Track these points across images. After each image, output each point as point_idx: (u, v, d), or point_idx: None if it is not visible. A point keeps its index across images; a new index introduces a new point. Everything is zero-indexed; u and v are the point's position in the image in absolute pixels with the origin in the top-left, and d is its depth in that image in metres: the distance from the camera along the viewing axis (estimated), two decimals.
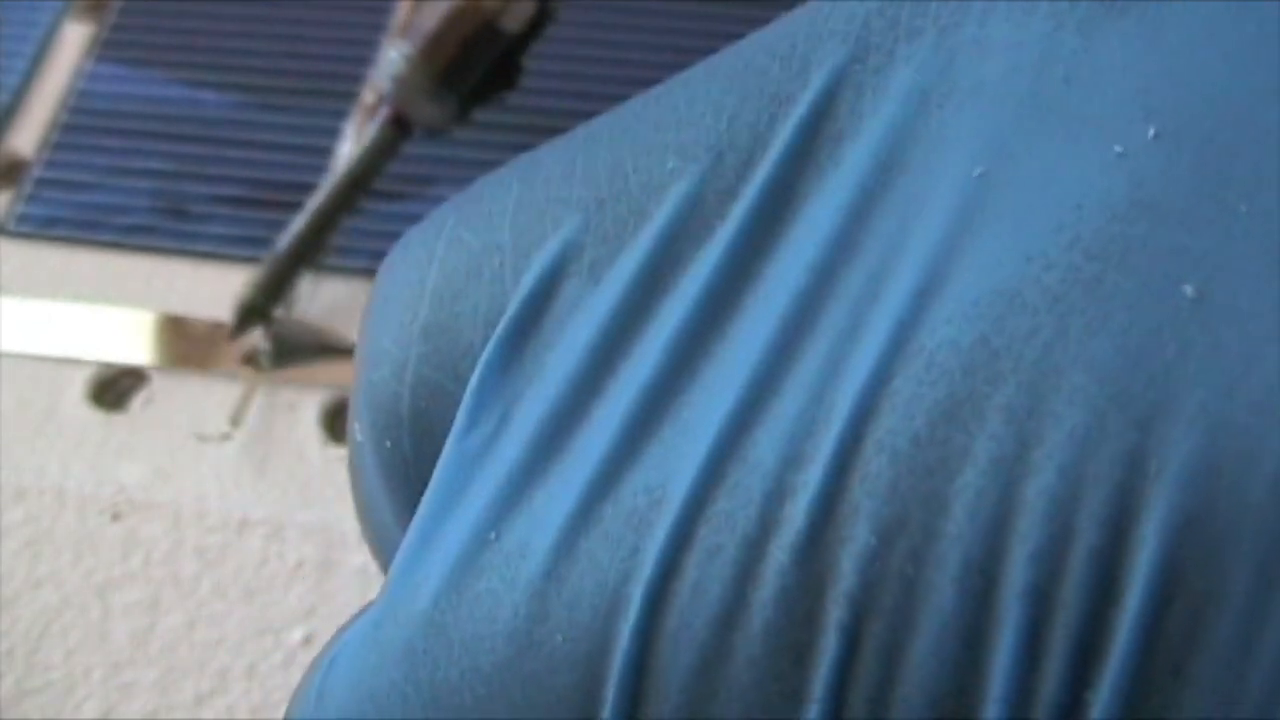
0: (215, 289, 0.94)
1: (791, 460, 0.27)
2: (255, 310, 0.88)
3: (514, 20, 0.82)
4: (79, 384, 0.90)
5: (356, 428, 0.35)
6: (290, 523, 0.84)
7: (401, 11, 1.02)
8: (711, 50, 0.34)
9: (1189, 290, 0.26)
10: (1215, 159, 0.27)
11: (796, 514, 0.26)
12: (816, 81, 0.31)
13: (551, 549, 0.28)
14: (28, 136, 1.01)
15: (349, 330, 0.90)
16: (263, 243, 0.94)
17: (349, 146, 0.96)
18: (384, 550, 0.36)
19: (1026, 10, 0.30)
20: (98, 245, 0.96)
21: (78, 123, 1.01)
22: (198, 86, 1.02)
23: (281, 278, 0.88)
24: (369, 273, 0.92)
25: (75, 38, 1.06)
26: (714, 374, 0.29)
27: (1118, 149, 0.28)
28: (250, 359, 0.89)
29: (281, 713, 0.79)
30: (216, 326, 0.92)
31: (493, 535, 0.29)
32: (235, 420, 0.87)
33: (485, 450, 0.31)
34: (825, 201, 0.30)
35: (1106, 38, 0.29)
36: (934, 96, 0.30)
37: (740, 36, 0.35)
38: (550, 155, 0.35)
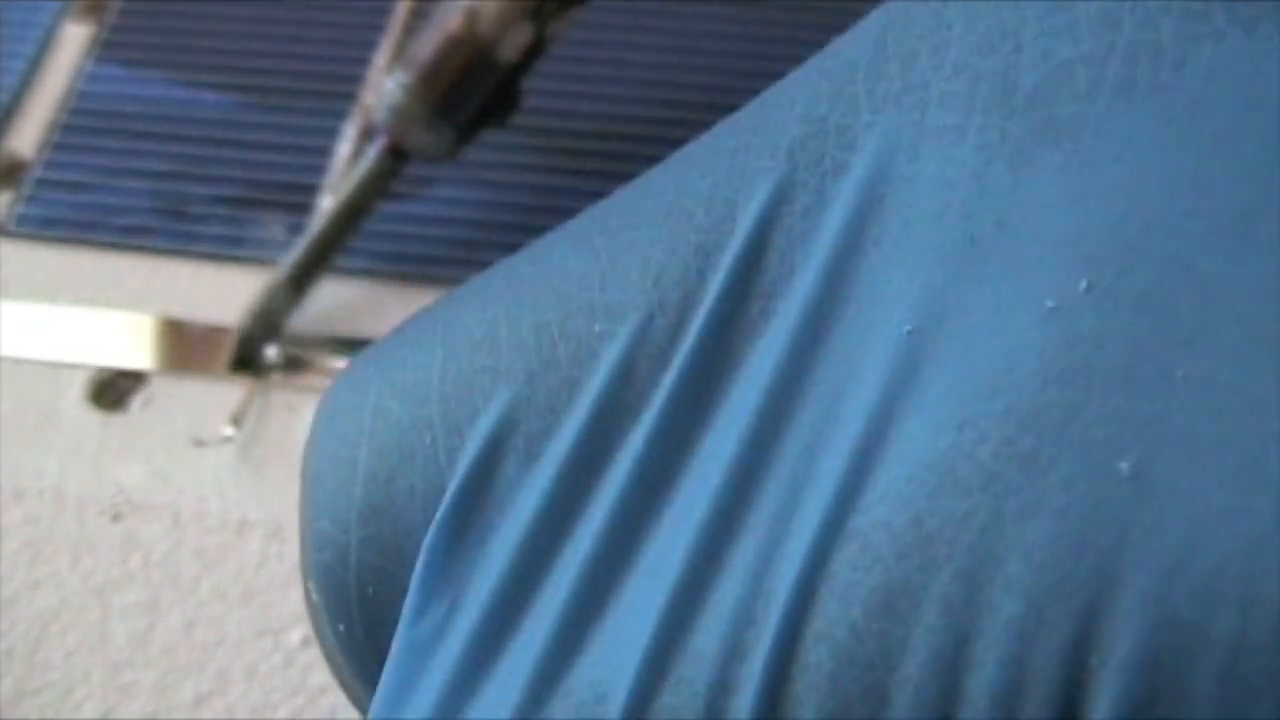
0: (214, 289, 0.94)
1: (733, 651, 0.27)
2: (255, 339, 0.89)
3: (511, 49, 0.82)
4: (78, 385, 0.90)
5: (311, 588, 0.35)
6: (289, 524, 0.84)
7: (400, 13, 1.02)
8: (712, 51, 0.34)
9: (1126, 467, 0.25)
10: (1151, 314, 0.26)
11: (742, 708, 0.26)
12: (743, 228, 0.31)
13: None
14: (28, 137, 1.01)
15: (348, 330, 0.90)
16: (262, 243, 0.94)
17: (347, 147, 0.96)
18: (351, 700, 0.36)
19: (955, 141, 0.29)
20: (97, 246, 0.96)
21: (77, 123, 1.01)
22: (197, 87, 1.02)
23: (280, 306, 0.88)
24: (369, 273, 0.92)
25: (75, 38, 1.06)
26: (651, 557, 0.29)
27: (1050, 303, 0.27)
28: (245, 364, 0.89)
29: (281, 713, 0.79)
30: (215, 330, 0.91)
31: None
32: (237, 422, 0.87)
33: (436, 638, 0.31)
34: (758, 367, 0.29)
35: (1038, 173, 0.28)
36: (865, 242, 0.29)
37: (738, 37, 0.34)
38: (471, 311, 0.34)
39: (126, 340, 0.92)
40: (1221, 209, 0.27)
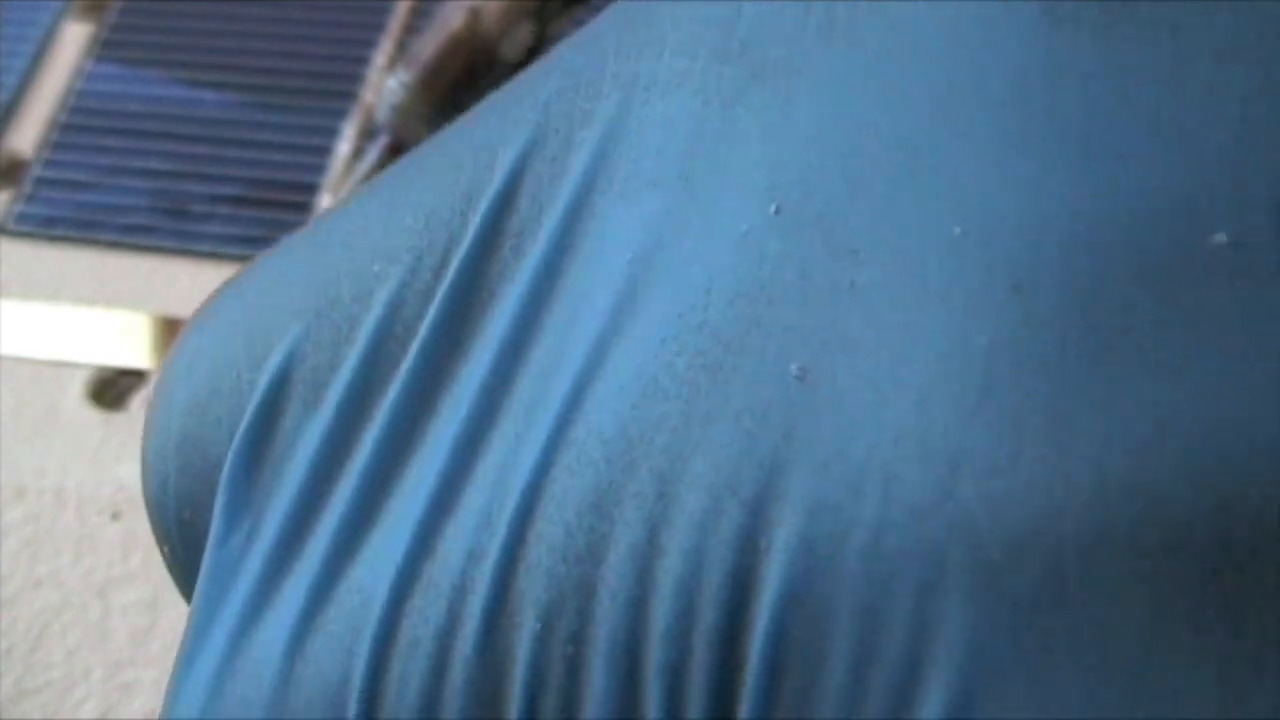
0: (215, 288, 0.94)
1: (473, 554, 0.29)
2: None
3: (513, 48, 0.82)
4: (78, 384, 0.90)
5: (147, 508, 0.38)
6: None
7: (400, 13, 1.02)
8: None
9: (795, 369, 0.28)
10: (829, 233, 0.29)
11: (475, 606, 0.29)
12: (500, 174, 0.33)
13: (285, 654, 0.31)
14: (28, 136, 1.01)
15: None
16: (263, 242, 0.94)
17: (347, 147, 0.97)
18: None
19: (679, 86, 0.32)
20: (97, 245, 0.96)
21: (77, 123, 1.01)
22: (197, 86, 1.03)
23: None
24: None
25: (75, 38, 1.06)
26: (414, 473, 0.31)
27: (744, 227, 0.29)
28: None
29: None
30: None
31: (245, 640, 0.32)
32: None
33: (239, 559, 0.33)
34: (507, 301, 0.32)
35: (744, 113, 0.31)
36: (599, 183, 0.32)
37: None
38: (280, 259, 0.37)
39: (127, 339, 0.92)
40: (899, 134, 0.29)
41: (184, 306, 0.93)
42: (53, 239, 0.97)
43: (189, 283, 0.94)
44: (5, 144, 1.01)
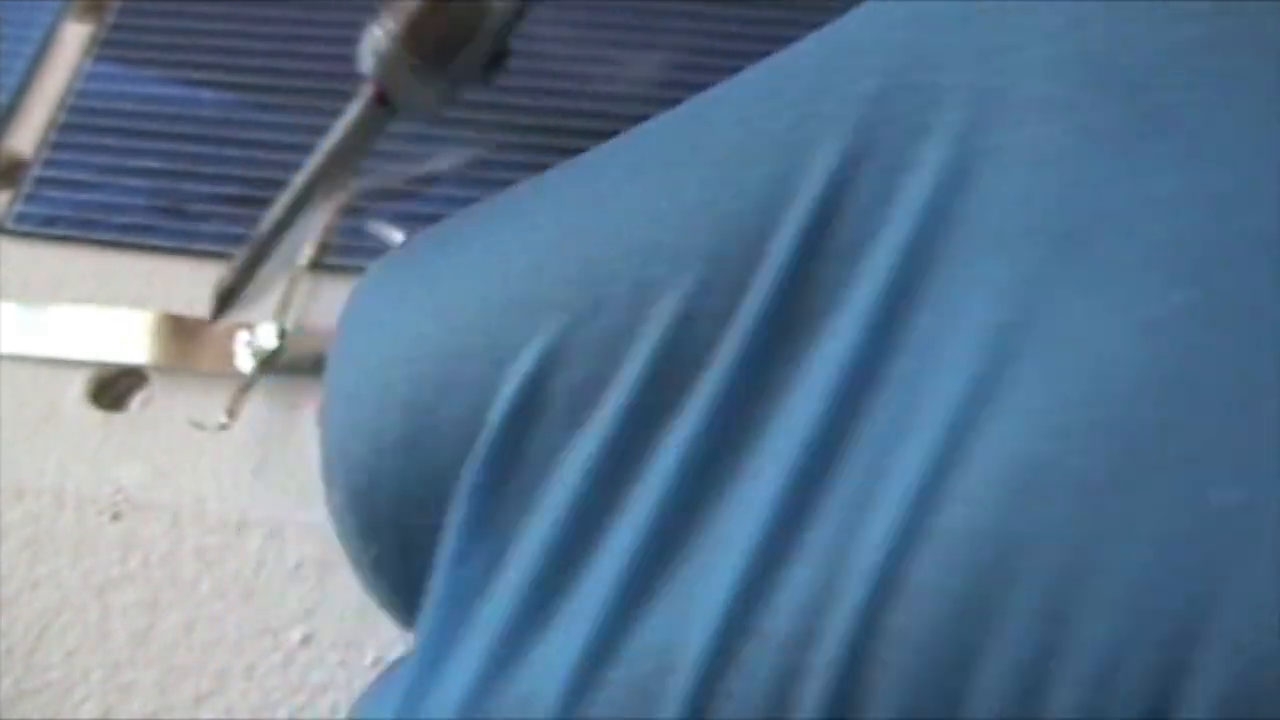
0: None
1: (803, 637, 0.26)
2: (235, 292, 0.87)
3: None
4: (78, 384, 0.90)
5: (340, 505, 0.33)
6: (289, 523, 0.84)
7: None
8: (717, 52, 0.33)
9: (1223, 493, 0.24)
10: (1253, 333, 0.25)
11: (810, 696, 0.26)
12: (814, 185, 0.29)
13: (559, 704, 0.27)
14: (27, 136, 1.01)
15: None
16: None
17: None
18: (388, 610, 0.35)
19: (1046, 117, 0.27)
20: (97, 244, 0.96)
21: (77, 122, 1.01)
22: (196, 86, 1.02)
23: (259, 255, 0.86)
24: None
25: (75, 38, 1.06)
26: (717, 530, 0.28)
27: (1151, 313, 0.26)
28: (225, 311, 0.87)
29: (281, 713, 0.79)
30: (215, 326, 0.91)
31: (501, 681, 0.28)
32: (232, 412, 0.87)
33: (484, 581, 0.29)
34: (836, 338, 0.28)
35: (1142, 162, 0.26)
36: (952, 218, 0.28)
37: (741, 37, 0.33)
38: (514, 234, 0.32)
39: (127, 338, 0.92)
40: None
41: (184, 306, 0.93)
42: (53, 239, 0.97)
43: (189, 282, 0.94)
44: (5, 144, 1.01)
